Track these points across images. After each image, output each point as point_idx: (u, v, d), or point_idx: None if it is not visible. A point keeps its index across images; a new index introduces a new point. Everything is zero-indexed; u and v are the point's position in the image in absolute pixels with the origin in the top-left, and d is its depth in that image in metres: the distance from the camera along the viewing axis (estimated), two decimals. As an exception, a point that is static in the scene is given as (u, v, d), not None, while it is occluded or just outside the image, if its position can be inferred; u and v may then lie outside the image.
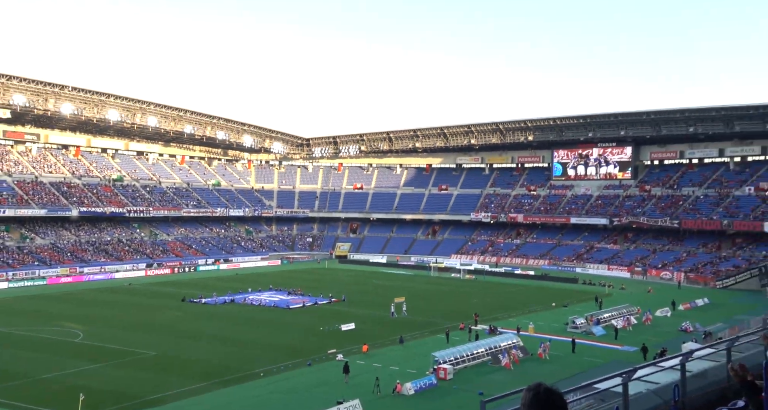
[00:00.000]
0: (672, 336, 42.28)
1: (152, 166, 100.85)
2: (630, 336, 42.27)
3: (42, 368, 33.44)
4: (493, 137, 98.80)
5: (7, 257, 69.86)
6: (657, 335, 42.69)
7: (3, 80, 74.45)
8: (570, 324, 44.73)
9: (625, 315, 47.13)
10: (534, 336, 41.79)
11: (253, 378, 32.05)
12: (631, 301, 54.21)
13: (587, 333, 42.93)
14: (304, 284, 66.49)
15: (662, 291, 63.45)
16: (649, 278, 73.68)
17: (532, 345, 38.61)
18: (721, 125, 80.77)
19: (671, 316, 50.12)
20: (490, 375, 33.27)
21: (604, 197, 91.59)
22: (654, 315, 48.89)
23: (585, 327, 44.01)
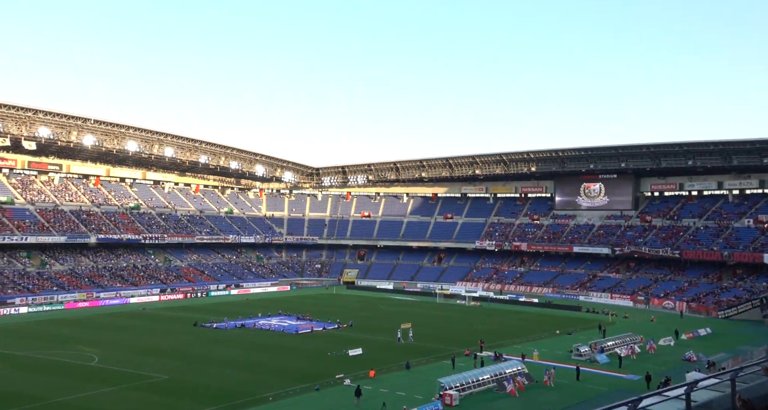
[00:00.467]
0: (675, 365, 41.55)
1: (168, 194, 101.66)
2: (634, 365, 41.55)
3: (58, 391, 33.29)
4: (497, 168, 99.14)
5: (27, 282, 70.12)
6: (661, 364, 41.97)
7: (29, 114, 75.85)
8: (574, 352, 44.02)
9: (628, 343, 46.31)
10: (539, 363, 41.20)
11: (262, 403, 31.71)
12: (634, 330, 53.43)
13: (591, 361, 42.25)
14: (312, 309, 66.16)
15: (665, 320, 62.61)
16: (651, 307, 72.76)
17: (536, 372, 38.02)
18: (720, 158, 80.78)
19: (674, 345, 49.26)
20: (495, 401, 32.76)
21: (606, 227, 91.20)
22: (657, 344, 48.04)
23: (589, 355, 43.33)
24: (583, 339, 49.95)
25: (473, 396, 33.36)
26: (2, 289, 66.83)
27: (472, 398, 33.01)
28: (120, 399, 31.89)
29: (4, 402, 31.23)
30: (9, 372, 37.43)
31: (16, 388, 33.66)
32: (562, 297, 79.82)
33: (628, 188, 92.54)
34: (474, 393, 33.69)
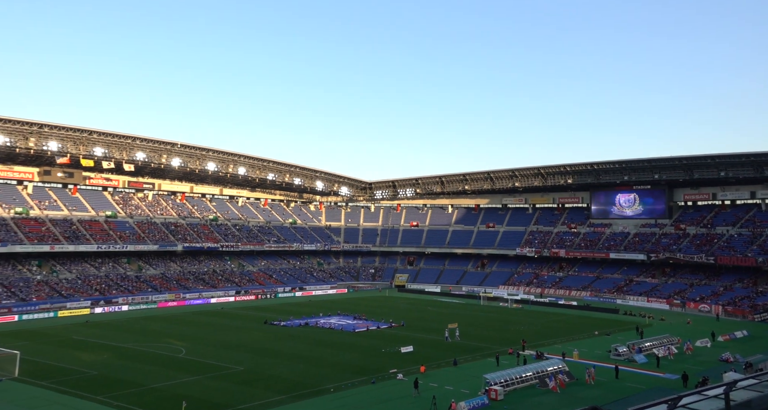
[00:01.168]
0: (712, 365, 39.39)
1: (241, 208, 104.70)
2: (671, 365, 39.64)
3: (153, 378, 34.79)
4: (535, 180, 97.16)
5: (128, 284, 73.61)
6: (698, 364, 39.90)
7: (129, 141, 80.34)
8: (613, 352, 42.42)
9: (665, 344, 44.18)
10: (579, 362, 39.94)
11: (324, 393, 32.04)
12: (671, 331, 50.99)
13: (629, 361, 40.58)
14: (367, 310, 66.41)
15: (701, 323, 59.41)
16: (687, 311, 69.14)
17: (577, 370, 36.86)
18: (751, 169, 76.36)
19: (711, 347, 46.65)
20: (538, 397, 31.95)
21: (641, 235, 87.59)
22: (694, 345, 45.60)
23: (627, 355, 41.63)
24: (621, 339, 48.09)
25: (517, 391, 32.69)
26: (108, 290, 70.45)
27: (515, 393, 32.34)
28: (204, 387, 32.96)
29: (111, 386, 32.90)
30: (114, 360, 39.34)
31: (120, 375, 35.37)
32: (599, 300, 77.06)
33: (662, 198, 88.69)
34: (517, 388, 33.02)
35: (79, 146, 76.75)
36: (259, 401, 30.35)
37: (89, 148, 77.68)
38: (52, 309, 61.32)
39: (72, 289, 67.99)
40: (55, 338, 47.71)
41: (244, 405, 29.72)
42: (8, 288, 63.84)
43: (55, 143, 74.26)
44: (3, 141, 69.74)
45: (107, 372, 35.94)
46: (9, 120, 68.85)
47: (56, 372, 35.95)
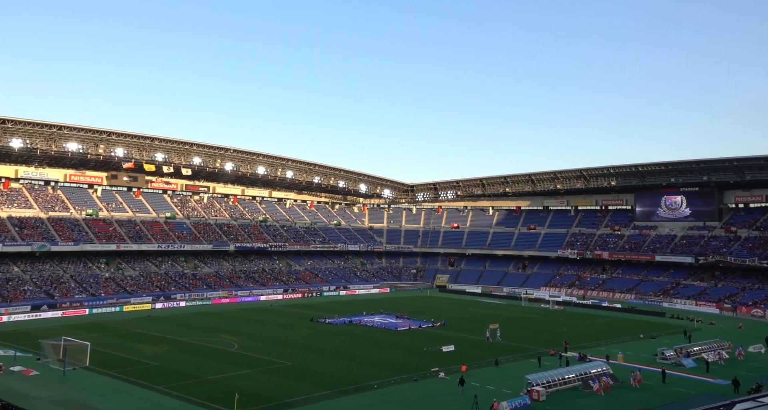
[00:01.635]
0: (766, 372, 37.08)
1: (288, 210, 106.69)
2: (722, 370, 37.56)
3: (208, 371, 35.84)
4: (577, 183, 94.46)
5: (185, 281, 76.32)
6: (750, 370, 37.65)
7: (186, 147, 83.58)
8: (659, 355, 40.62)
9: (715, 349, 41.85)
10: (623, 364, 38.50)
11: (368, 390, 32.11)
12: (721, 336, 48.28)
13: (677, 365, 38.77)
14: (409, 309, 66.24)
15: (754, 328, 56.10)
16: (739, 315, 65.46)
17: (621, 373, 35.54)
18: (807, 170, 71.59)
19: (765, 353, 44.00)
20: (581, 399, 31.00)
21: (688, 237, 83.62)
22: (746, 351, 43.06)
23: (675, 359, 39.78)
24: (667, 343, 46.06)
25: (559, 392, 31.83)
26: (167, 286, 73.26)
27: (558, 394, 31.49)
28: (254, 381, 33.66)
29: (170, 377, 34.15)
30: (173, 353, 40.75)
31: (178, 367, 36.62)
32: (645, 303, 74.03)
33: (711, 200, 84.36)
34: (560, 390, 32.15)
35: (142, 151, 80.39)
36: (306, 395, 30.73)
37: (151, 154, 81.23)
38: (117, 304, 64.24)
39: (135, 285, 71.08)
40: (120, 331, 49.91)
41: (291, 398, 30.17)
42: (80, 284, 67.42)
43: (121, 149, 78.09)
44: (77, 148, 73.94)
45: (166, 364, 37.28)
46: (82, 129, 72.91)
47: (121, 362, 37.60)
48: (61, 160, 76.99)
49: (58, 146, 72.86)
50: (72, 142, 73.55)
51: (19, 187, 76.95)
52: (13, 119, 66.81)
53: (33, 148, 71.01)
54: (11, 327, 50.83)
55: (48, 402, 28.84)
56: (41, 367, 36.12)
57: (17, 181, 77.04)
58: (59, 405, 28.52)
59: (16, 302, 59.07)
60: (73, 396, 30.08)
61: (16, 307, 58.06)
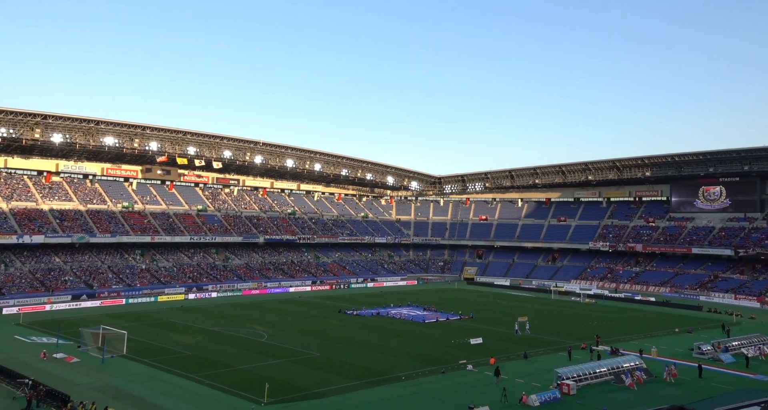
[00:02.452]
0: (811, 368, 35.58)
1: (316, 202, 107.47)
2: (762, 366, 36.24)
3: (239, 360, 36.54)
4: (610, 173, 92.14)
5: (216, 273, 77.91)
6: (793, 366, 36.19)
7: (217, 140, 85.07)
8: (696, 350, 39.46)
9: (756, 343, 40.36)
10: (657, 359, 37.54)
11: (395, 381, 32.18)
12: (762, 331, 46.53)
13: (714, 360, 37.57)
14: (437, 301, 66.04)
15: (797, 323, 53.88)
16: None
17: (655, 367, 34.62)
18: None
19: None
20: (613, 393, 30.35)
21: (727, 229, 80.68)
22: (790, 346, 41.40)
23: (712, 354, 38.54)
24: (704, 338, 44.60)
25: (590, 386, 31.25)
26: (200, 278, 74.96)
27: (589, 388, 30.93)
28: (284, 370, 34.14)
29: (203, 366, 34.96)
30: (206, 343, 41.65)
31: (211, 356, 37.46)
32: (680, 297, 71.92)
33: (753, 190, 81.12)
34: (591, 384, 31.55)
35: (175, 145, 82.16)
36: (334, 386, 31.01)
37: (183, 147, 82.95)
38: (152, 294, 66.04)
39: (169, 276, 72.94)
40: (155, 320, 51.30)
41: (321, 389, 30.48)
42: (117, 274, 69.61)
43: (155, 143, 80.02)
44: (113, 142, 76.13)
45: (199, 353, 38.15)
46: (118, 123, 74.95)
47: (156, 351, 38.67)
48: (99, 154, 79.42)
49: (96, 141, 75.10)
50: (108, 136, 75.69)
51: (60, 180, 79.74)
52: (53, 115, 69.07)
53: (72, 142, 73.43)
54: (54, 316, 52.91)
55: (88, 388, 29.89)
56: (81, 355, 37.44)
57: (58, 174, 79.86)
58: (98, 391, 29.52)
59: (57, 292, 61.42)
60: (112, 383, 31.11)
61: (58, 296, 60.36)
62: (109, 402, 27.26)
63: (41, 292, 60.88)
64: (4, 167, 75.89)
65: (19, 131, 69.24)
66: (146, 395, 29.01)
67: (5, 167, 75.99)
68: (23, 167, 77.31)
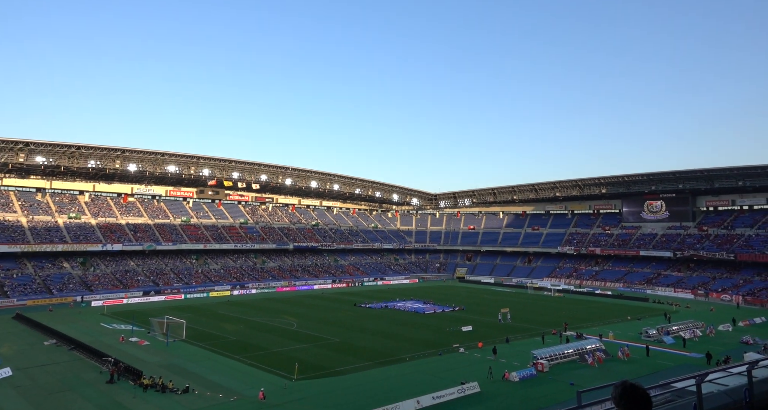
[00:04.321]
0: (734, 347, 35.27)
1: (335, 216, 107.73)
2: (696, 345, 35.92)
3: (274, 344, 36.62)
4: (573, 191, 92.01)
5: (255, 273, 78.04)
6: (720, 345, 35.85)
7: (255, 166, 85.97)
8: (644, 334, 39.15)
9: (691, 328, 40.13)
10: (614, 341, 37.25)
11: (401, 362, 32.17)
12: (695, 317, 46.18)
13: (659, 341, 37.28)
14: (434, 296, 65.81)
15: (723, 311, 53.22)
16: (710, 300, 62.20)
17: (612, 348, 34.41)
18: (767, 179, 67.75)
19: (732, 331, 41.74)
20: (578, 370, 30.18)
21: (667, 236, 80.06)
22: (716, 329, 41.06)
23: (657, 337, 38.26)
24: (650, 323, 44.28)
25: (560, 365, 31.08)
26: (242, 277, 75.12)
27: (559, 367, 30.76)
28: (311, 353, 34.18)
29: (245, 349, 35.12)
30: (247, 330, 41.79)
31: (251, 341, 37.61)
32: (631, 291, 71.22)
33: (686, 203, 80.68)
34: (560, 363, 31.38)
35: (222, 171, 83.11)
36: (351, 365, 31.04)
37: (229, 173, 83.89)
38: (205, 291, 66.25)
39: (218, 276, 73.21)
40: (207, 312, 51.53)
41: (340, 367, 30.52)
42: (177, 275, 70.02)
43: (207, 169, 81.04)
44: (174, 169, 77.26)
45: (242, 339, 38.31)
46: (178, 155, 76.21)
47: (208, 337, 38.87)
48: (163, 179, 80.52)
49: (161, 169, 76.27)
50: (171, 165, 76.83)
51: (134, 200, 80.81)
52: (129, 149, 70.57)
53: (143, 170, 74.66)
54: (129, 308, 53.39)
55: (156, 366, 30.14)
56: (151, 339, 37.77)
57: (132, 196, 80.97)
58: (165, 368, 29.74)
59: (132, 289, 61.89)
60: (174, 362, 31.33)
61: (133, 292, 60.82)
62: (172, 377, 27.48)
63: (120, 289, 61.38)
64: (93, 190, 77.18)
65: (105, 162, 70.72)
66: (201, 372, 29.20)
67: (94, 191, 77.27)
68: (107, 190, 78.54)
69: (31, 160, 65.61)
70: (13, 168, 67.18)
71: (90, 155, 68.80)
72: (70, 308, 53.15)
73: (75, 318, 46.77)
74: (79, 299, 56.38)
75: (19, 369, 29.01)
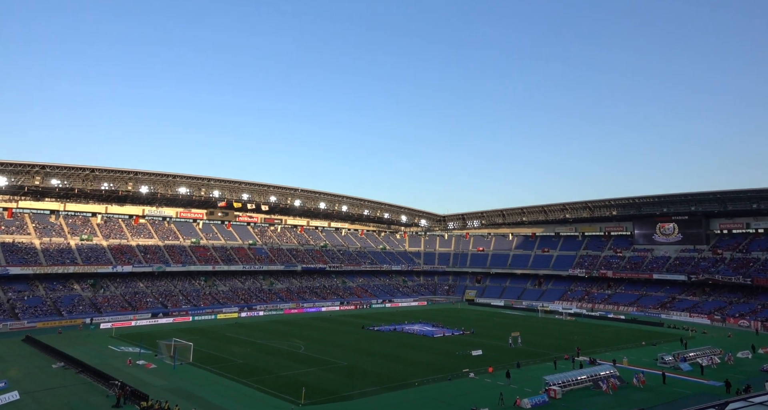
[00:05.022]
0: (754, 375, 34.10)
1: (343, 237, 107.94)
2: (714, 373, 34.80)
3: (281, 368, 36.28)
4: (584, 213, 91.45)
5: (263, 295, 77.96)
6: (739, 373, 34.72)
7: (265, 188, 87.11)
8: (659, 360, 38.12)
9: (708, 354, 38.93)
10: (628, 368, 36.31)
11: (410, 387, 31.61)
12: (713, 343, 44.92)
13: (675, 368, 36.23)
14: (443, 319, 64.96)
15: (741, 337, 51.64)
16: (727, 325, 60.48)
17: (626, 375, 33.55)
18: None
19: (752, 358, 40.42)
20: (592, 397, 29.42)
21: (681, 258, 78.73)
22: (735, 356, 39.79)
23: (673, 363, 37.20)
24: (666, 349, 43.09)
25: (573, 392, 30.35)
26: (250, 299, 75.09)
27: (572, 393, 30.04)
28: (318, 377, 33.78)
29: (252, 372, 34.85)
30: (254, 353, 41.53)
31: (258, 364, 37.33)
32: (645, 315, 69.57)
33: (699, 226, 79.59)
34: (573, 389, 30.66)
35: (232, 193, 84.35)
36: (358, 390, 30.62)
37: (238, 194, 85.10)
38: (213, 313, 66.25)
39: (226, 298, 73.28)
40: (215, 334, 51.36)
41: (347, 392, 30.11)
42: (186, 296, 70.26)
43: (217, 191, 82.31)
44: (185, 191, 78.66)
45: (249, 362, 38.05)
46: (189, 176, 77.73)
47: (216, 360, 38.67)
48: (174, 201, 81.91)
49: (172, 191, 77.73)
50: (182, 187, 78.30)
51: (145, 222, 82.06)
52: (142, 171, 72.26)
53: (155, 192, 76.13)
54: (137, 330, 53.43)
55: (163, 390, 30.05)
56: (158, 362, 37.69)
57: (143, 217, 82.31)
58: (171, 392, 29.64)
59: (141, 311, 62.15)
60: (181, 385, 31.22)
61: (141, 314, 61.04)
62: (179, 401, 27.35)
63: (129, 310, 61.70)
64: (106, 212, 78.68)
65: (117, 184, 72.38)
66: (207, 396, 29.03)
67: (106, 213, 78.78)
68: (119, 212, 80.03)
69: (47, 183, 67.42)
70: (29, 191, 69.00)
71: (103, 178, 70.56)
72: (79, 330, 53.38)
73: (84, 340, 46.94)
74: (88, 322, 56.70)
75: (26, 393, 29.13)
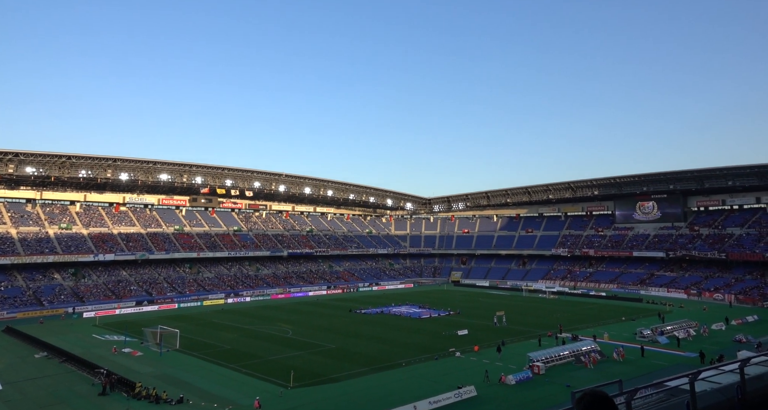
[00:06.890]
0: (727, 345, 35.50)
1: (329, 221, 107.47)
2: (690, 345, 36.10)
3: (269, 352, 36.25)
4: (566, 193, 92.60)
5: (249, 281, 77.47)
6: (714, 344, 36.08)
7: (249, 174, 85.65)
8: (638, 334, 39.31)
9: (685, 327, 40.35)
10: (609, 342, 37.34)
11: (397, 367, 31.98)
12: (689, 317, 46.51)
13: (653, 342, 37.43)
14: (430, 300, 65.66)
15: (716, 310, 53.58)
16: (703, 299, 62.70)
17: (607, 349, 34.49)
18: (756, 178, 68.76)
19: (725, 329, 42.04)
20: (574, 372, 30.19)
21: (659, 236, 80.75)
22: (710, 328, 41.33)
23: (651, 337, 38.41)
24: (645, 324, 44.49)
25: (556, 367, 31.08)
26: (236, 285, 74.55)
27: (555, 369, 30.76)
28: (307, 360, 33.90)
29: (240, 358, 34.74)
30: (242, 338, 41.39)
31: (246, 349, 37.21)
32: (625, 291, 71.59)
33: (678, 204, 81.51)
34: (556, 365, 31.39)
35: (215, 179, 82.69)
36: (347, 372, 30.80)
37: (222, 180, 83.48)
38: (199, 299, 65.62)
39: (211, 285, 72.57)
40: (201, 321, 50.98)
41: (336, 374, 30.28)
42: (171, 284, 69.30)
43: (199, 177, 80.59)
44: (167, 178, 76.77)
45: (237, 347, 37.91)
46: (171, 163, 75.76)
47: (202, 346, 38.42)
48: (155, 188, 79.91)
49: (153, 177, 75.74)
50: (163, 173, 76.34)
51: (126, 210, 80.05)
52: (121, 158, 70.13)
53: (135, 179, 74.11)
54: (121, 319, 52.65)
55: (150, 376, 29.71)
56: (144, 349, 37.26)
57: (124, 205, 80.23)
58: (158, 378, 29.32)
59: (125, 299, 61.13)
60: (168, 372, 30.91)
61: (125, 303, 60.07)
62: (166, 387, 27.08)
63: (112, 299, 60.60)
64: (84, 200, 76.36)
65: (96, 172, 70.11)
66: (195, 381, 28.82)
67: (85, 201, 76.46)
68: (98, 200, 77.76)
69: (21, 171, 64.89)
70: (2, 179, 66.38)
71: (81, 165, 68.23)
72: (61, 320, 52.32)
73: (66, 329, 46.03)
74: (70, 311, 55.57)
75: (9, 383, 28.46)
